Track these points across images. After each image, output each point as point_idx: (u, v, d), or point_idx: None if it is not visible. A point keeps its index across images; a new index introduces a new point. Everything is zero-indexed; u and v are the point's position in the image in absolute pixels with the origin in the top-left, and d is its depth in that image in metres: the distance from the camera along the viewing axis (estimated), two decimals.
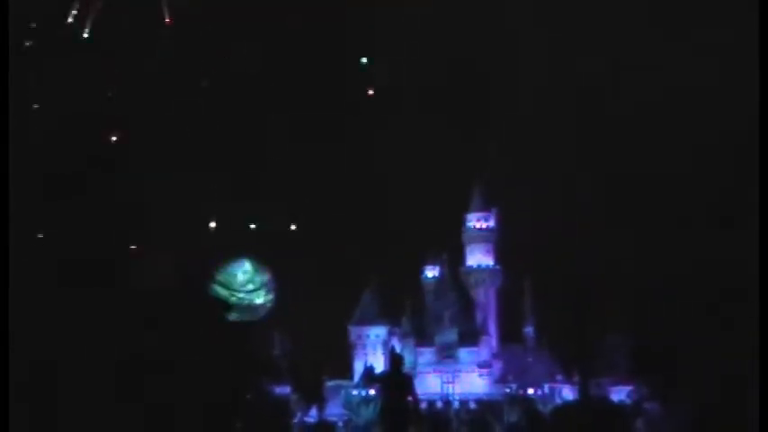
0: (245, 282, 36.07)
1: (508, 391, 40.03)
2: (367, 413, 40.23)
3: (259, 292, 35.66)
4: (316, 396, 41.83)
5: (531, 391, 39.90)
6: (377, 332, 41.45)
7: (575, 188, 39.47)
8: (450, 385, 40.39)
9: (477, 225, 41.71)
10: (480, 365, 41.26)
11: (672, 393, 43.02)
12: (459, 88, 42.69)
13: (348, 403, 40.50)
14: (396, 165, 39.62)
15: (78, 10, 47.36)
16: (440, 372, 40.61)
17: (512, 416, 41.69)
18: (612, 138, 40.86)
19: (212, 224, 45.86)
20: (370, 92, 50.33)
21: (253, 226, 46.27)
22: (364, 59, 50.60)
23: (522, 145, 39.99)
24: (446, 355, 41.14)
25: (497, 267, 42.61)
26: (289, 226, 44.23)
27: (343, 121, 45.85)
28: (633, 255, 39.75)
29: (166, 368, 34.96)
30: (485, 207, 40.78)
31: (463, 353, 41.20)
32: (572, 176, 39.58)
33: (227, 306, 36.65)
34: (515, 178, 40.04)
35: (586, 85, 43.79)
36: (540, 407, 41.30)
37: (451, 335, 40.94)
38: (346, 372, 41.35)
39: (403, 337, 41.22)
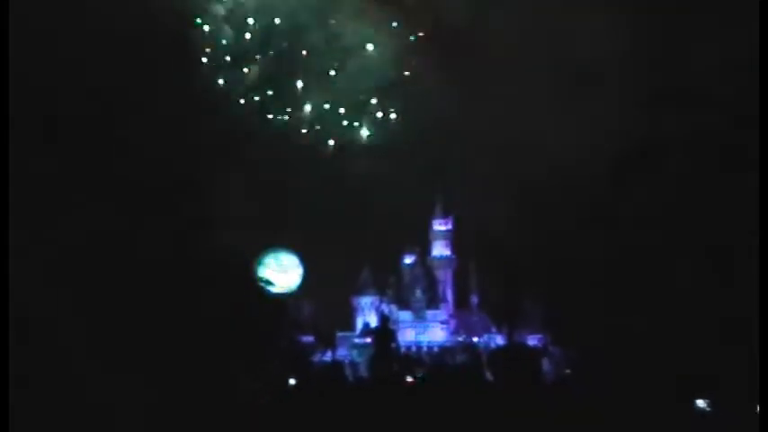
0: (280, 269, 43.35)
1: (460, 339, 47.06)
2: (365, 355, 46.71)
3: (289, 276, 42.85)
4: (329, 343, 46.72)
5: (475, 339, 46.61)
6: (371, 300, 47.06)
7: (503, 202, 46.50)
8: (421, 336, 47.21)
9: (440, 227, 44.70)
10: (441, 323, 47.10)
11: (567, 340, 50.50)
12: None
13: (351, 348, 47.41)
14: (380, 188, 45.32)
15: None
16: (413, 327, 47.18)
17: (462, 356, 44.73)
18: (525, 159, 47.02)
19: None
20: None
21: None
22: None
23: (467, 175, 46.11)
24: (418, 316, 44.84)
25: (453, 256, 47.80)
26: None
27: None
28: (542, 247, 46.92)
29: (230, 324, 41.49)
30: (444, 215, 44.69)
31: (430, 314, 47.11)
32: (501, 194, 46.72)
33: (269, 283, 44.34)
34: (463, 198, 45.91)
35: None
36: (481, 350, 44.44)
37: (422, 302, 45.48)
38: (350, 326, 45.54)
39: (388, 303, 47.46)
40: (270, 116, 44.95)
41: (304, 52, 45.57)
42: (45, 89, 39.96)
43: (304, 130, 45.33)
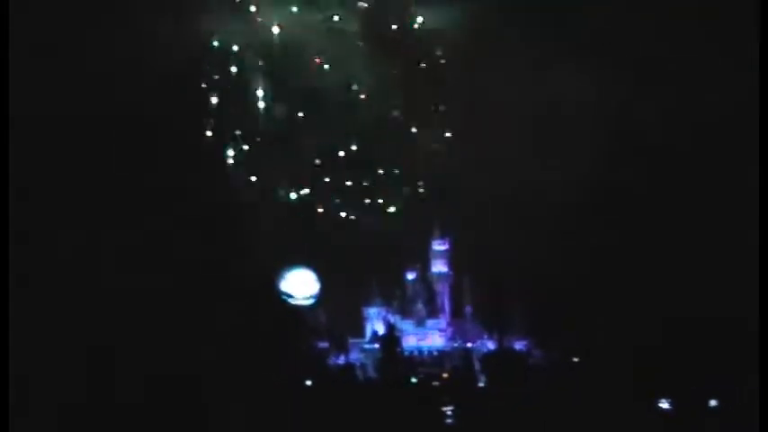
0: (300, 284, 45.57)
1: (455, 345, 48.33)
2: (373, 358, 47.56)
3: (307, 290, 45.09)
4: (342, 348, 47.62)
5: (469, 344, 48.03)
6: (378, 310, 47.60)
7: (493, 227, 44.31)
8: (422, 341, 48.34)
9: (438, 247, 47.43)
10: (440, 330, 47.71)
11: (549, 345, 45.80)
12: None
13: (361, 352, 48.09)
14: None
15: None
16: (415, 334, 48.26)
17: (457, 360, 46.84)
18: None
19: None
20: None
21: None
22: None
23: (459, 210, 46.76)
24: (419, 324, 48.35)
25: (450, 272, 47.69)
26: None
27: None
28: (527, 264, 43.88)
29: (257, 330, 44.02)
30: (442, 237, 45.74)
31: (430, 323, 47.90)
32: (491, 219, 44.59)
33: (290, 296, 46.72)
34: (459, 222, 47.20)
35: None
36: (474, 354, 46.51)
37: (422, 312, 47.97)
38: (361, 334, 47.69)
39: (394, 313, 47.87)
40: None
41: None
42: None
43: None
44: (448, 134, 46.86)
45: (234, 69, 47.61)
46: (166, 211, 42.83)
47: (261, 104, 48.05)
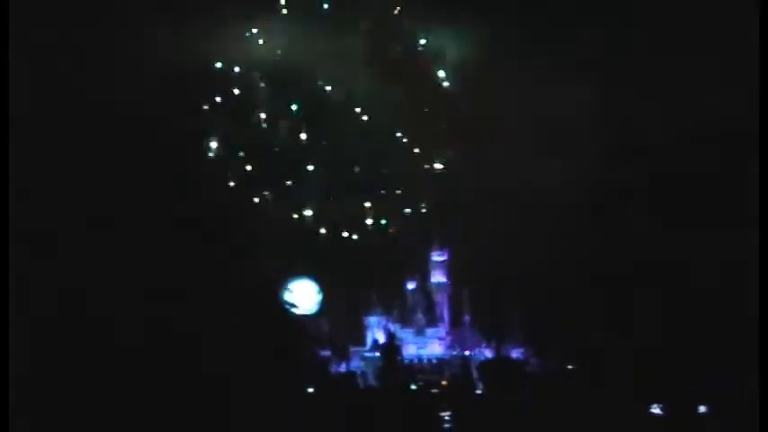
0: (304, 294, 46.06)
1: (454, 353, 48.72)
2: (374, 366, 47.86)
3: (311, 300, 45.53)
4: (344, 356, 47.88)
5: (467, 353, 48.46)
6: (379, 319, 47.72)
7: (490, 240, 44.99)
8: (422, 350, 48.68)
9: (437, 259, 47.43)
10: (439, 338, 47.95)
11: (544, 353, 46.16)
12: None
13: (362, 360, 48.39)
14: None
15: None
16: (415, 342, 48.49)
17: (455, 368, 47.23)
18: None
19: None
20: None
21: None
22: None
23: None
24: (419, 333, 48.54)
25: (448, 282, 47.83)
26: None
27: None
28: (522, 275, 44.73)
29: (263, 338, 44.45)
30: (441, 249, 46.22)
31: (429, 331, 48.10)
32: (488, 233, 45.35)
33: (293, 306, 47.23)
34: (457, 235, 48.16)
35: None
36: (472, 362, 46.81)
37: (422, 321, 48.20)
38: (362, 342, 47.84)
39: (394, 322, 48.06)
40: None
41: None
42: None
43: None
44: (450, 152, 47.86)
45: (237, 91, 48.93)
46: (181, 231, 43.99)
47: (264, 125, 49.38)
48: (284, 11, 48.63)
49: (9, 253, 32.52)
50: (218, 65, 48.60)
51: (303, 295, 47.29)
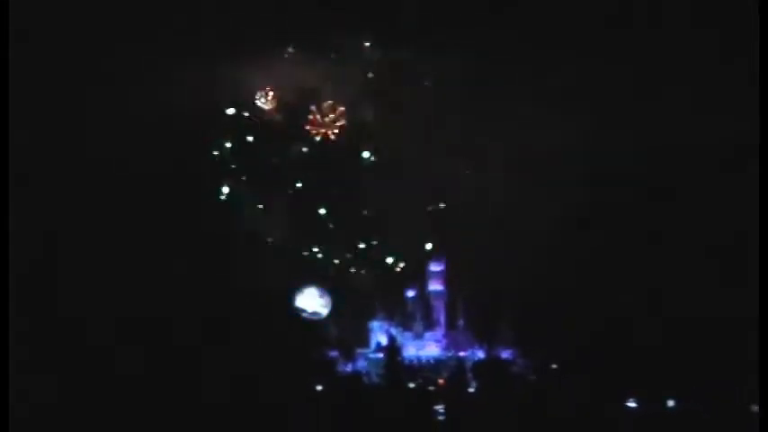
0: (312, 300, 47.51)
1: (450, 354, 49.70)
2: (377, 367, 48.78)
3: (319, 305, 47.01)
4: (350, 357, 49.03)
5: (461, 354, 49.50)
6: (382, 324, 49.47)
7: (482, 250, 46.63)
8: (420, 351, 49.95)
9: (435, 268, 49.14)
10: (436, 341, 49.59)
11: (531, 353, 47.84)
12: None
13: (367, 361, 49.61)
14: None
15: None
16: (414, 344, 50.00)
17: (451, 367, 48.49)
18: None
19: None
20: None
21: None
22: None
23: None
24: (418, 336, 50.17)
25: (444, 290, 49.19)
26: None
27: None
28: (512, 282, 46.49)
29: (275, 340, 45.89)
30: (438, 259, 47.74)
31: (427, 334, 49.73)
32: (481, 244, 46.84)
33: (302, 311, 48.72)
34: (452, 246, 49.79)
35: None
36: (466, 363, 48.09)
37: (421, 325, 50.08)
38: (367, 344, 49.53)
39: (396, 326, 49.76)
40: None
41: None
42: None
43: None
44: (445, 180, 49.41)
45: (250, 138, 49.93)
46: (202, 256, 45.74)
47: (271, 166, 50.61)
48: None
49: (9, 253, 32.39)
50: (230, 111, 50.07)
51: (313, 301, 48.66)
